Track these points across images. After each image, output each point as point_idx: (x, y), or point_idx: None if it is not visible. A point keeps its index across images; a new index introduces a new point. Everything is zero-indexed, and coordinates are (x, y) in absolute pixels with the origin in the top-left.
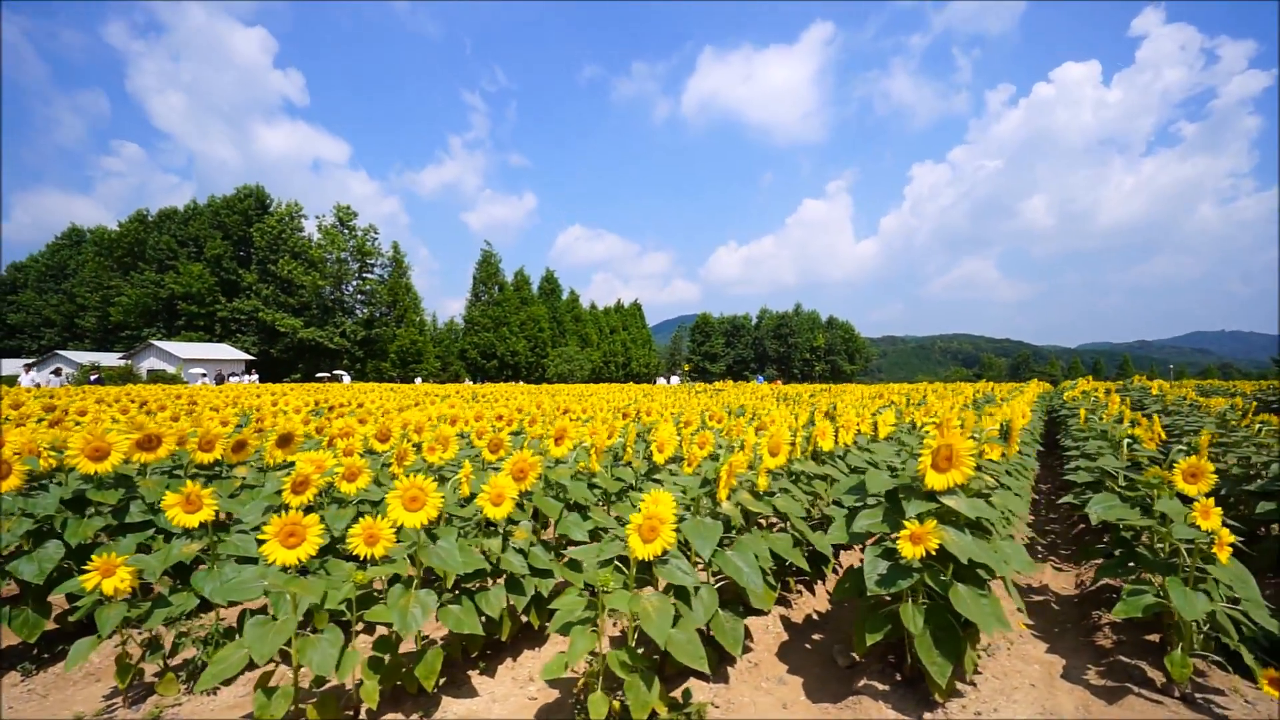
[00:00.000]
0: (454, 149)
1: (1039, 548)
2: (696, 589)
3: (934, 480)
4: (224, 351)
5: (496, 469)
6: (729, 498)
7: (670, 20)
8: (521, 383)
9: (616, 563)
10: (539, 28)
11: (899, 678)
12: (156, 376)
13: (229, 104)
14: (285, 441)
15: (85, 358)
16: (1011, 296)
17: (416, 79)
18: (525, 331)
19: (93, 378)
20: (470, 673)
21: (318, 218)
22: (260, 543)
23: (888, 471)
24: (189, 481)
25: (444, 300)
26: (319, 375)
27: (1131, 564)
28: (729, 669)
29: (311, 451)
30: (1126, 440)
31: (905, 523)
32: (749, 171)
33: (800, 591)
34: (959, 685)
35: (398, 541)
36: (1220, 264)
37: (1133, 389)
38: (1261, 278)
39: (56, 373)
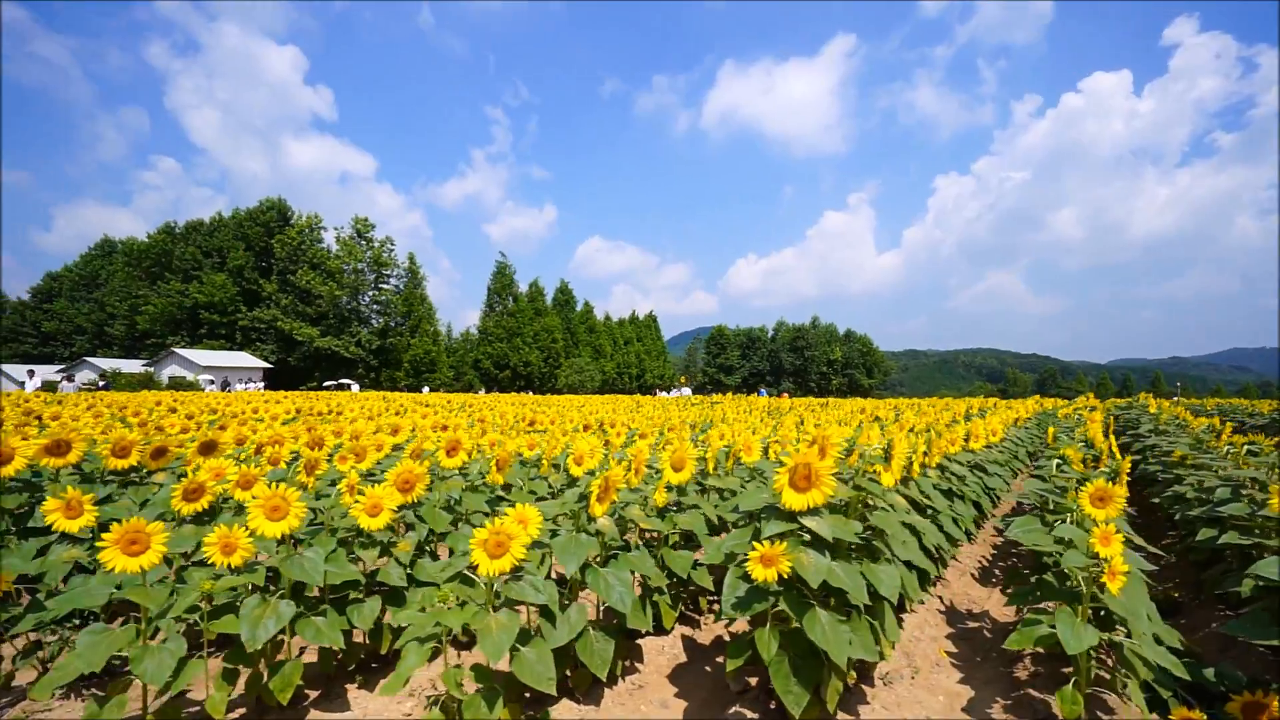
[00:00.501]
0: (476, 162)
1: (996, 572)
2: (564, 607)
3: (791, 500)
4: (243, 359)
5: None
6: (612, 513)
7: (691, 34)
8: (531, 393)
9: (468, 577)
10: (562, 43)
11: (772, 705)
12: (177, 383)
13: (262, 119)
14: (208, 449)
15: (112, 365)
16: (1039, 310)
17: (441, 94)
18: (539, 342)
19: (101, 384)
20: (348, 686)
21: (335, 229)
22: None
23: (769, 491)
24: (69, 487)
25: (464, 311)
26: (325, 384)
27: (1038, 592)
28: (605, 690)
29: (218, 459)
30: (1056, 461)
31: (755, 544)
32: (769, 184)
33: (714, 613)
34: (843, 714)
35: (263, 552)
36: (1260, 278)
37: (1136, 407)
38: None
39: (70, 379)
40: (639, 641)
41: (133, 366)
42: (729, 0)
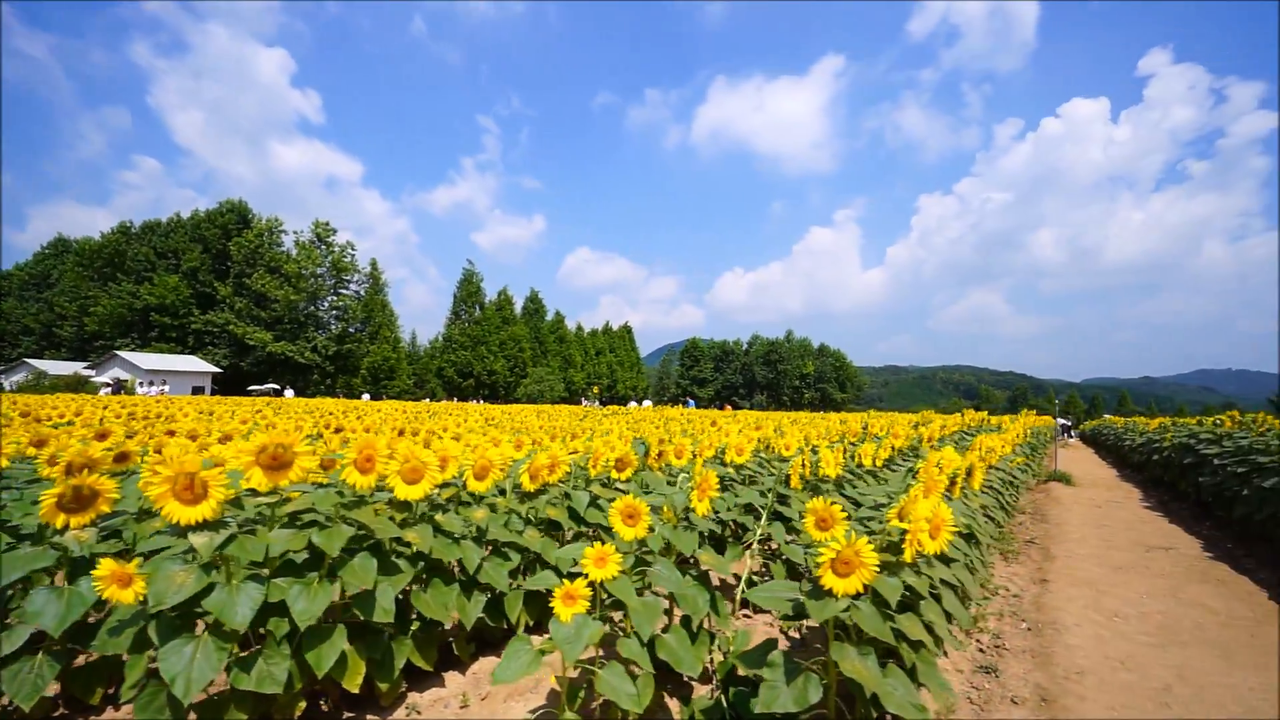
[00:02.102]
0: (466, 169)
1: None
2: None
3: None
4: (191, 363)
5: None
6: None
7: (685, 49)
8: (487, 403)
9: None
10: (555, 54)
11: None
12: (117, 387)
13: (248, 121)
14: None
15: (54, 367)
16: (1019, 331)
17: (432, 101)
18: (505, 351)
19: (7, 387)
20: None
21: (295, 233)
22: None
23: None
24: None
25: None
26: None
27: None
28: None
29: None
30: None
31: None
32: (758, 199)
33: None
34: None
35: None
36: (1229, 302)
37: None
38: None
39: None
40: None
41: (76, 369)
42: (723, 17)
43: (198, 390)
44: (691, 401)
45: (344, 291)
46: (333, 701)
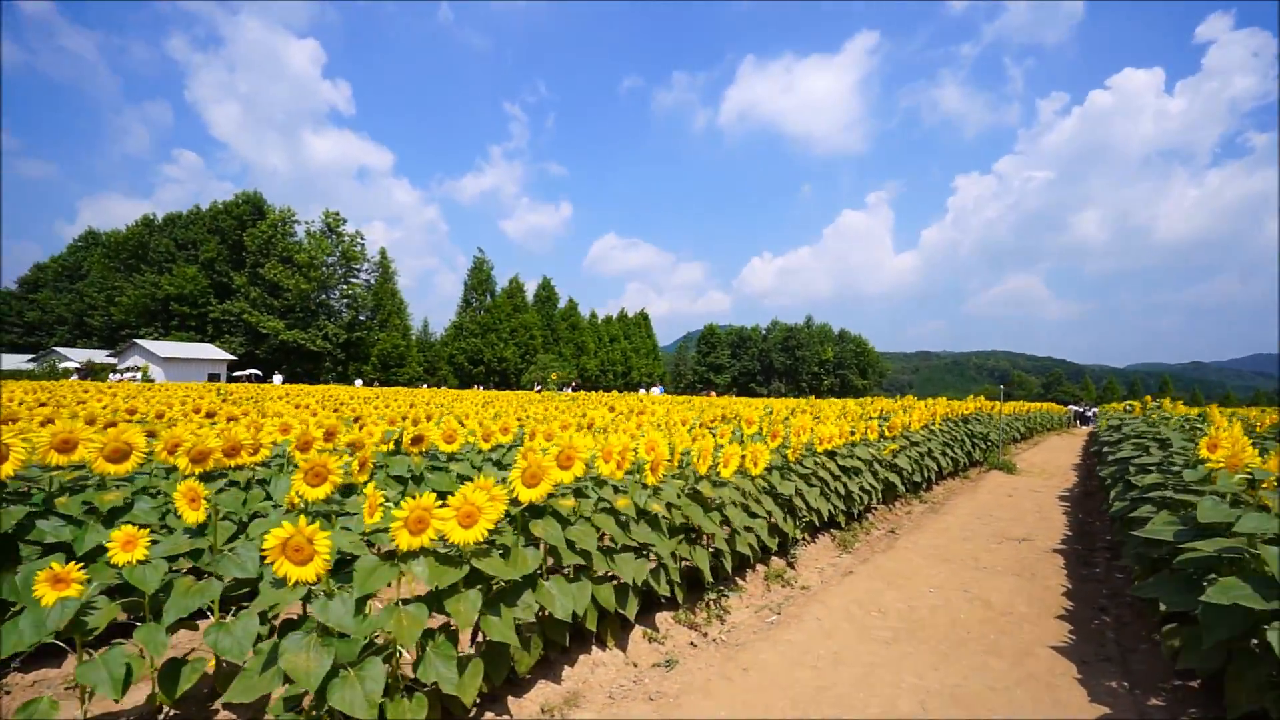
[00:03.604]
0: (494, 158)
1: None
2: None
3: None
4: (207, 351)
5: None
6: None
7: (712, 29)
8: (496, 390)
9: None
10: (581, 39)
11: None
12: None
13: (282, 113)
14: None
15: (79, 355)
16: (1060, 315)
17: (459, 89)
18: (516, 338)
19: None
20: None
21: (306, 223)
22: None
23: None
24: None
25: None
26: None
27: None
28: None
29: None
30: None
31: None
32: (786, 182)
33: None
34: None
35: None
36: None
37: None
38: None
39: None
40: None
41: (100, 358)
42: None
43: (214, 377)
44: (659, 389)
45: (354, 280)
46: None
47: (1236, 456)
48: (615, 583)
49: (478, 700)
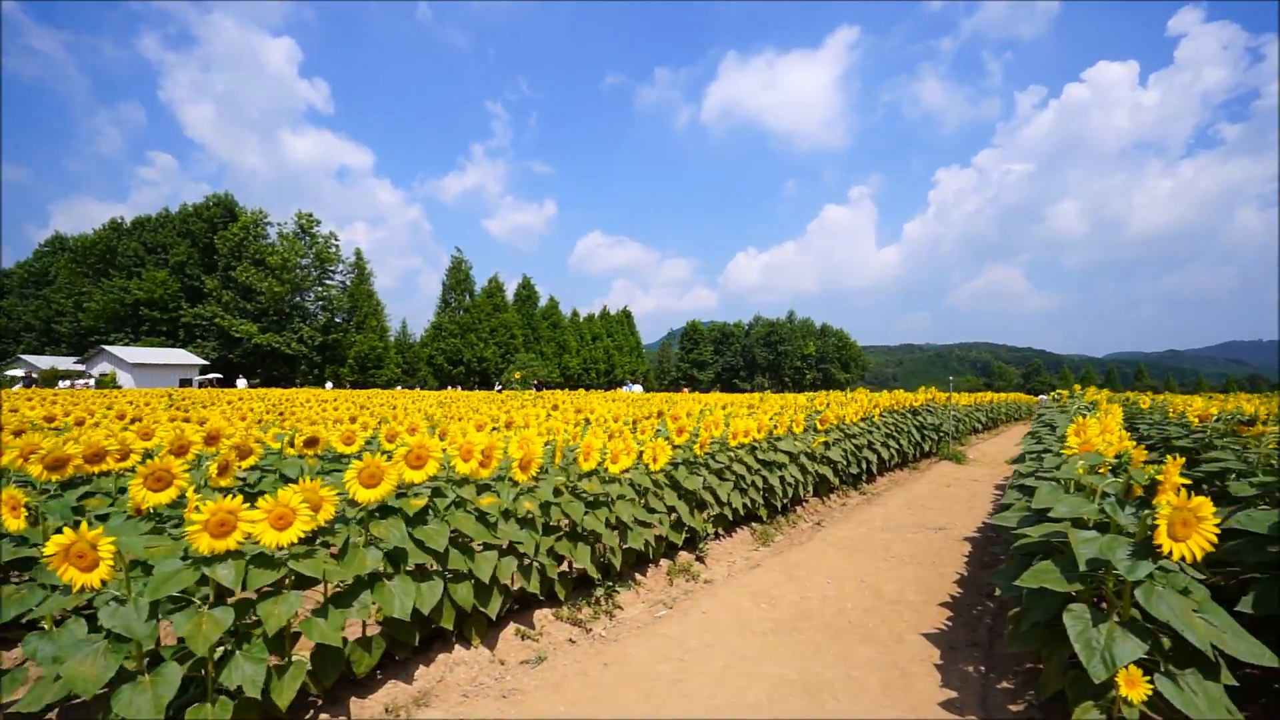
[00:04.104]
0: (476, 156)
1: None
2: None
3: None
4: (179, 356)
5: None
6: None
7: (694, 25)
8: (483, 390)
9: None
10: (563, 36)
11: None
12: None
13: (258, 113)
14: None
15: (46, 362)
16: (1040, 306)
17: (439, 88)
18: (496, 338)
19: None
20: None
21: (278, 225)
22: None
23: None
24: None
25: None
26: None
27: None
28: None
29: None
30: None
31: None
32: (770, 178)
33: None
34: None
35: None
36: (1261, 271)
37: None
38: None
39: None
40: None
41: (68, 364)
42: None
43: (185, 383)
44: (630, 385)
45: (329, 282)
46: None
47: (1089, 442)
48: (474, 581)
49: (318, 699)
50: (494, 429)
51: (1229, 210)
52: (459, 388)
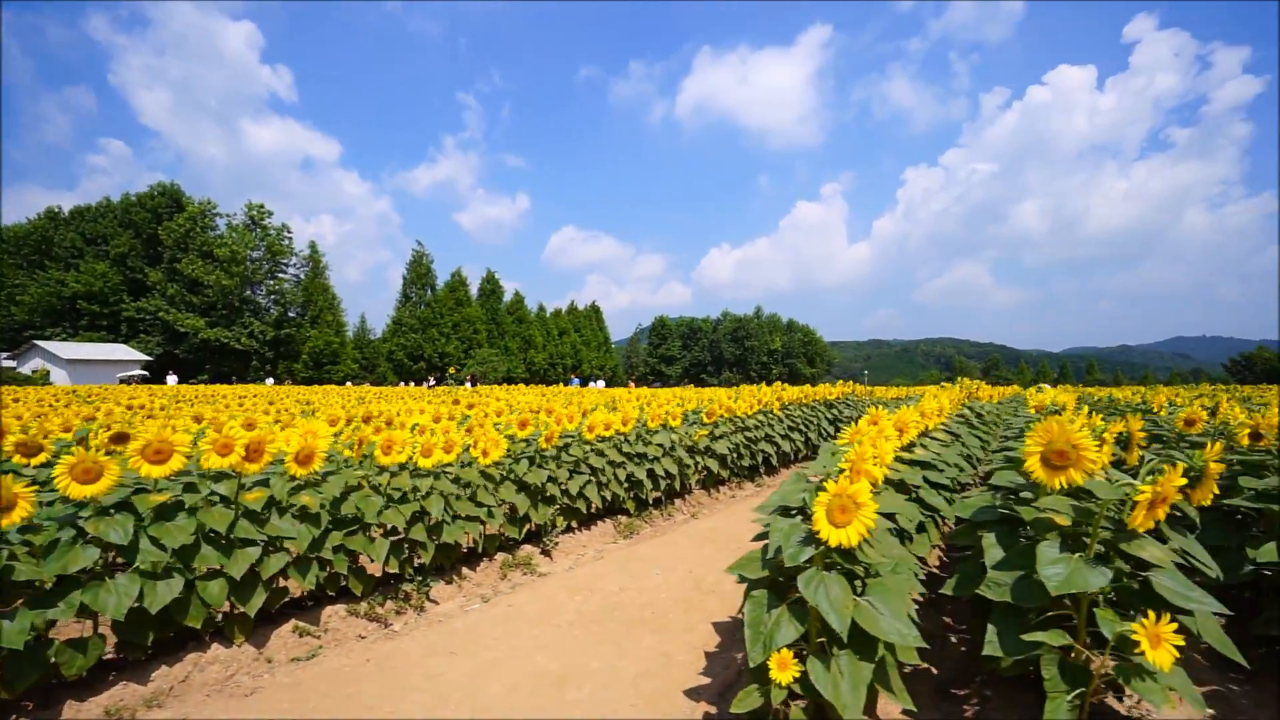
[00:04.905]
0: (447, 148)
1: None
2: None
3: None
4: (119, 352)
5: None
6: None
7: (669, 18)
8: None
9: None
10: (536, 27)
11: None
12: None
13: (217, 100)
14: None
15: None
16: (1003, 302)
17: (409, 78)
18: (459, 333)
19: None
20: None
21: (227, 216)
22: None
23: None
24: None
25: None
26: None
27: None
28: None
29: None
30: None
31: None
32: (744, 174)
33: None
34: None
35: None
36: (1207, 270)
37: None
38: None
39: None
40: None
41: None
42: None
43: (126, 380)
44: (575, 380)
45: (281, 275)
46: None
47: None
48: (227, 579)
49: (26, 704)
50: (350, 424)
51: (1178, 211)
52: (416, 383)
